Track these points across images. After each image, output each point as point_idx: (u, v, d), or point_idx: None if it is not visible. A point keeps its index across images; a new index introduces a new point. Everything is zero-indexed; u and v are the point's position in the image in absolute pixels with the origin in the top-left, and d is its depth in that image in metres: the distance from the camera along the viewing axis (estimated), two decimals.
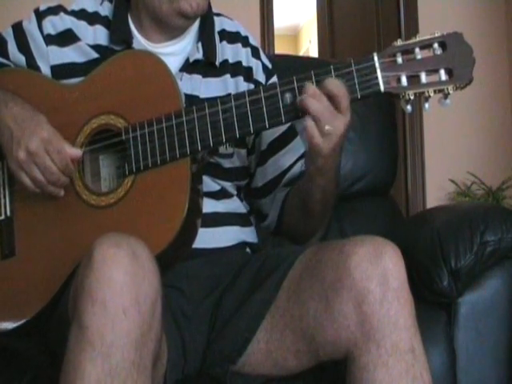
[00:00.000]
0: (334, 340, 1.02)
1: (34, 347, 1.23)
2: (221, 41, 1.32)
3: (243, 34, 1.36)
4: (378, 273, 0.99)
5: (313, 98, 1.05)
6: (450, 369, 1.30)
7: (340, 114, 1.06)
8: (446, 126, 3.42)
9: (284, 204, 1.32)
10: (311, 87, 1.06)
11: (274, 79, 1.36)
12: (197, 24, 1.31)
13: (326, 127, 1.05)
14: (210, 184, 1.25)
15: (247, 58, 1.34)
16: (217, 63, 1.29)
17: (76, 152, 1.14)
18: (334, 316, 1.01)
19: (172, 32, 1.27)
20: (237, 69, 1.31)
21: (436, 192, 3.45)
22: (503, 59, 3.60)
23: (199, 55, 1.27)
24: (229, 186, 1.29)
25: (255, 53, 1.35)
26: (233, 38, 1.34)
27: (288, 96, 1.08)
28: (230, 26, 1.36)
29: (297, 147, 1.35)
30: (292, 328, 1.07)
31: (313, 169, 1.15)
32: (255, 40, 1.39)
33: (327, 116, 1.05)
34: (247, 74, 1.32)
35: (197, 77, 1.27)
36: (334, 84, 1.05)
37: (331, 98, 1.05)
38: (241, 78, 1.31)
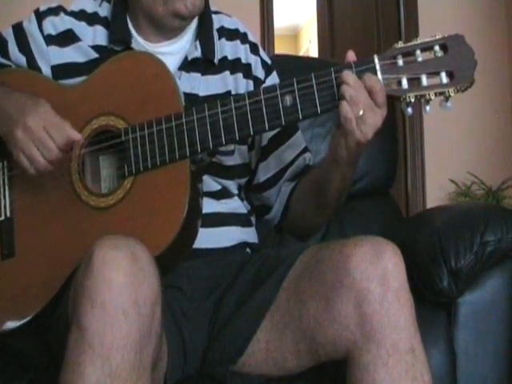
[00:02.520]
0: (334, 340, 1.02)
1: (34, 347, 1.23)
2: (219, 38, 1.32)
3: (242, 30, 1.36)
4: (377, 273, 0.99)
5: (349, 86, 1.05)
6: (450, 369, 1.29)
7: (377, 107, 1.06)
8: (445, 126, 3.41)
9: (291, 197, 1.32)
10: (350, 76, 1.05)
11: (274, 75, 1.36)
12: (195, 22, 1.31)
13: (360, 112, 1.05)
14: (210, 183, 1.25)
15: (246, 54, 1.33)
16: (215, 61, 1.29)
17: (76, 134, 1.12)
18: (333, 316, 1.01)
19: (169, 32, 1.28)
20: (236, 65, 1.31)
21: (436, 192, 3.45)
22: (503, 60, 3.59)
23: (197, 53, 1.27)
24: (230, 184, 1.29)
25: (254, 49, 1.35)
26: (232, 34, 1.34)
27: (288, 98, 1.08)
28: (229, 23, 1.36)
29: (298, 142, 1.35)
30: (292, 328, 1.07)
31: (342, 156, 1.14)
32: (254, 36, 1.39)
33: (363, 102, 1.05)
34: (246, 70, 1.32)
35: (196, 75, 1.27)
36: (373, 79, 1.05)
37: (369, 93, 1.05)
38: (240, 75, 1.31)
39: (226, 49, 1.32)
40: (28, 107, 1.12)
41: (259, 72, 1.34)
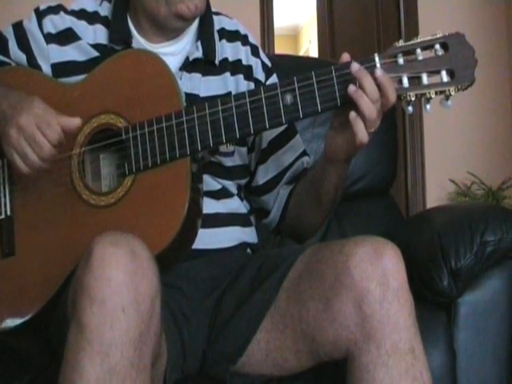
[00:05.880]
0: (333, 340, 1.02)
1: (34, 347, 1.23)
2: (220, 39, 1.32)
3: (242, 32, 1.36)
4: (377, 273, 0.99)
5: (367, 95, 1.04)
6: (450, 369, 1.30)
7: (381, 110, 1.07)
8: (446, 126, 3.41)
9: (289, 199, 1.32)
10: (369, 81, 1.04)
11: (274, 78, 1.36)
12: (196, 23, 1.31)
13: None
14: (210, 183, 1.25)
15: (247, 56, 1.34)
16: (216, 62, 1.29)
17: (72, 122, 1.11)
18: (333, 316, 1.02)
19: (170, 33, 1.27)
20: (237, 67, 1.31)
21: (436, 192, 3.45)
22: (503, 59, 3.59)
23: (199, 54, 1.27)
24: (230, 184, 1.29)
25: (255, 51, 1.35)
26: (232, 36, 1.34)
27: (288, 97, 1.08)
28: (230, 25, 1.36)
29: (297, 145, 1.36)
30: (292, 328, 1.07)
31: (341, 156, 1.14)
32: (254, 38, 1.39)
33: (375, 115, 1.05)
34: (247, 72, 1.32)
35: (196, 75, 1.27)
36: (388, 82, 1.05)
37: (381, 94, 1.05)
38: (241, 77, 1.31)
39: (226, 50, 1.32)
40: (21, 105, 1.12)
41: (260, 74, 1.34)
